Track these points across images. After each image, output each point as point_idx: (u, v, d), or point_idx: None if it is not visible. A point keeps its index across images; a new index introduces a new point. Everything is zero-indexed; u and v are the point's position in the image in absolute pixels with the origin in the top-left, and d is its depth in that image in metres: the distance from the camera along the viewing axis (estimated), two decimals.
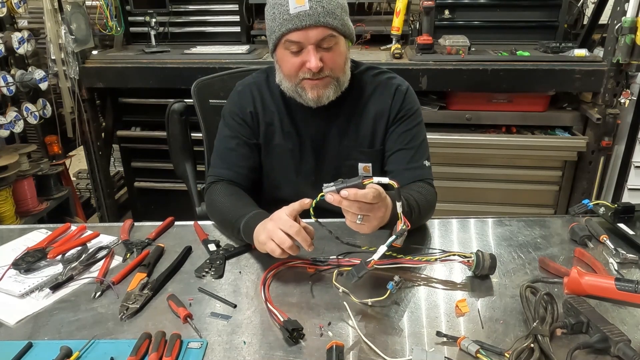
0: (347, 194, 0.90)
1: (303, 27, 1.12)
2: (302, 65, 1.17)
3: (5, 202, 2.38)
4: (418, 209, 1.14)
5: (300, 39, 1.14)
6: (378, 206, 0.94)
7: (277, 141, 1.34)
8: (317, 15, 1.12)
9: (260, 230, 1.04)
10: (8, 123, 2.28)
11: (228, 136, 1.34)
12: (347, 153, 1.34)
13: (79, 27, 2.43)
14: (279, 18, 1.14)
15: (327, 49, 1.17)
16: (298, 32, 1.13)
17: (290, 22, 1.12)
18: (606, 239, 1.14)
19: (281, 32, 1.14)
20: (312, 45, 1.14)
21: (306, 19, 1.12)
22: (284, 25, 1.13)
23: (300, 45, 1.15)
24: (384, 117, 1.31)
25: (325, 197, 0.92)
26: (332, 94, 1.23)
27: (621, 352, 0.79)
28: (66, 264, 1.07)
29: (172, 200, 2.88)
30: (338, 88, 1.23)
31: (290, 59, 1.18)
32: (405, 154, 1.29)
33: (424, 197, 1.19)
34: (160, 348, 0.82)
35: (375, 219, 0.95)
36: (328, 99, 1.23)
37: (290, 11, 1.12)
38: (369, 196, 0.90)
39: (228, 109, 1.36)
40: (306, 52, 1.15)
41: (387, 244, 0.92)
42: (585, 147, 2.35)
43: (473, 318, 0.92)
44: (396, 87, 1.32)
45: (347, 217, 0.96)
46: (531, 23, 2.73)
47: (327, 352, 0.81)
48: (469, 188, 2.53)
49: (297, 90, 1.22)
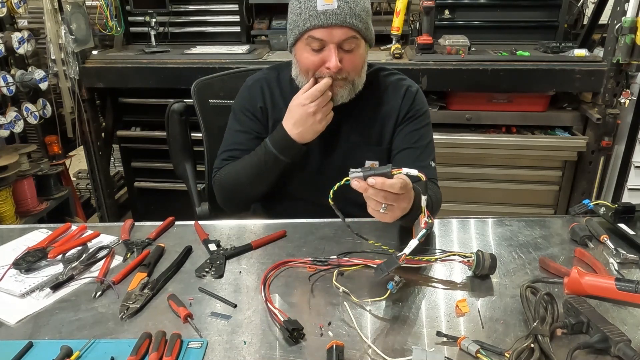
0: (374, 182, 0.89)
1: (329, 25, 1.12)
2: (321, 64, 1.17)
3: (5, 202, 2.38)
4: (432, 205, 1.16)
5: (323, 36, 1.14)
6: (403, 197, 0.94)
7: None
8: (343, 15, 1.12)
9: (291, 125, 1.19)
10: (8, 123, 2.28)
11: (238, 130, 1.35)
12: (355, 150, 1.34)
13: (79, 27, 2.43)
14: (304, 13, 1.14)
15: (347, 51, 1.17)
16: (323, 29, 1.13)
17: (317, 18, 1.12)
18: (606, 239, 1.14)
19: (305, 27, 1.14)
20: (334, 45, 1.15)
21: (333, 18, 1.12)
22: (309, 21, 1.13)
23: (323, 43, 1.15)
24: (393, 116, 1.32)
25: (350, 182, 0.90)
26: (346, 95, 1.23)
27: (621, 352, 0.79)
28: (67, 263, 1.07)
29: (172, 200, 2.88)
30: (352, 90, 1.24)
31: (310, 55, 1.18)
32: (412, 153, 1.31)
33: (434, 194, 1.22)
34: (161, 348, 0.82)
35: (399, 209, 0.96)
36: (342, 99, 1.24)
37: (317, 8, 1.12)
38: (397, 187, 0.90)
39: (239, 103, 1.37)
40: (327, 51, 1.15)
41: (418, 238, 0.89)
42: (585, 147, 2.35)
43: (473, 318, 0.92)
44: (406, 88, 1.33)
45: (370, 204, 0.95)
46: (531, 23, 2.73)
47: (327, 352, 0.81)
48: (469, 188, 2.54)
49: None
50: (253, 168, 1.26)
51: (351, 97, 1.25)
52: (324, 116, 1.20)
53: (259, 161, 1.25)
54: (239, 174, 1.29)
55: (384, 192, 0.90)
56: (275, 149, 1.22)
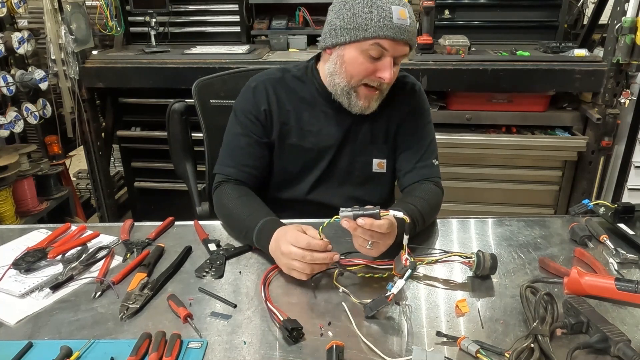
0: (363, 222, 0.94)
1: (399, 39, 1.14)
2: (373, 72, 1.18)
3: (5, 202, 2.38)
4: (422, 220, 1.17)
5: (390, 48, 1.15)
6: (388, 235, 0.99)
7: (292, 140, 1.32)
8: (410, 34, 1.15)
9: (277, 256, 1.04)
10: (8, 123, 2.28)
11: (239, 134, 1.31)
12: (363, 149, 1.34)
13: (79, 27, 2.43)
14: (376, 19, 1.13)
15: (396, 65, 1.19)
16: (392, 41, 1.14)
17: (391, 29, 1.12)
18: (606, 239, 1.14)
19: (376, 34, 1.13)
20: (391, 58, 1.16)
21: (404, 34, 1.14)
22: (382, 30, 1.12)
23: (383, 53, 1.15)
24: (398, 113, 1.33)
25: (340, 221, 0.95)
26: (376, 106, 1.26)
27: (621, 352, 0.79)
28: (66, 264, 1.07)
29: (172, 200, 2.87)
30: (381, 98, 1.26)
31: (365, 61, 1.17)
32: (415, 152, 1.32)
33: (426, 202, 1.21)
34: (161, 348, 0.82)
35: (383, 245, 1.00)
36: (372, 110, 1.26)
37: (393, 20, 1.12)
38: (384, 227, 0.96)
39: (241, 105, 1.33)
40: (385, 62, 1.16)
41: (405, 278, 0.93)
42: (585, 147, 2.35)
43: (473, 318, 0.92)
44: (411, 85, 1.35)
45: (357, 241, 1.00)
46: (531, 23, 2.73)
47: (327, 352, 0.81)
48: (469, 188, 2.54)
49: (350, 93, 1.22)
50: (234, 229, 1.21)
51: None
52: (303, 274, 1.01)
53: (239, 227, 1.18)
54: (227, 218, 1.24)
55: (372, 231, 0.95)
56: (256, 241, 1.12)
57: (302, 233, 1.01)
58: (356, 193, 1.37)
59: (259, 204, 1.22)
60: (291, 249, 0.98)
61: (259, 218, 1.12)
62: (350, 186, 1.37)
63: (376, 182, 1.38)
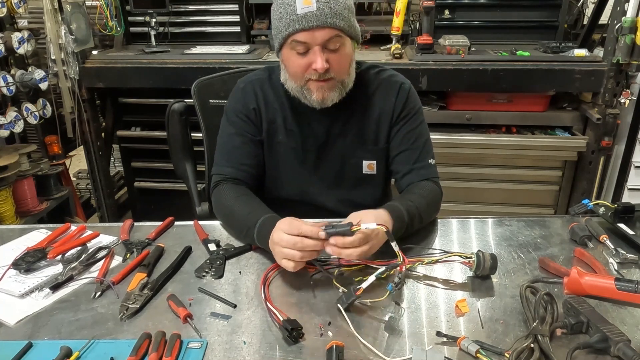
0: (335, 242, 0.96)
1: (310, 27, 1.12)
2: (308, 66, 1.17)
3: (5, 202, 2.38)
4: (419, 215, 1.17)
5: (306, 39, 1.14)
6: (368, 244, 0.99)
7: (280, 139, 1.33)
8: (324, 16, 1.12)
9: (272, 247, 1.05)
10: (8, 123, 2.28)
11: (233, 134, 1.32)
12: (352, 151, 1.34)
13: (79, 27, 2.43)
14: (285, 18, 1.14)
15: (333, 50, 1.16)
16: (305, 32, 1.13)
17: (297, 22, 1.12)
18: (606, 239, 1.14)
19: (287, 32, 1.14)
20: (319, 46, 1.14)
21: (313, 20, 1.11)
22: (291, 26, 1.13)
23: (307, 45, 1.15)
24: (388, 114, 1.31)
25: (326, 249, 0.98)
26: (336, 96, 1.23)
27: (621, 352, 0.79)
28: (66, 264, 1.07)
29: (172, 200, 2.88)
30: (343, 90, 1.24)
31: (297, 59, 1.17)
32: (411, 154, 1.31)
33: (424, 199, 1.21)
34: (160, 348, 0.82)
35: (370, 251, 1.01)
36: (332, 101, 1.23)
37: (297, 11, 1.11)
38: (356, 243, 0.97)
39: (231, 106, 1.35)
40: (312, 53, 1.15)
41: (376, 275, 0.95)
42: (585, 147, 2.35)
43: (473, 318, 0.92)
44: (400, 85, 1.33)
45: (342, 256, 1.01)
46: (531, 23, 2.73)
47: (327, 352, 0.81)
48: (469, 188, 2.54)
49: (303, 92, 1.22)
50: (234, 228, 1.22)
51: (342, 97, 1.24)
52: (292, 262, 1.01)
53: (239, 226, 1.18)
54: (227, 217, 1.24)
55: (347, 248, 0.97)
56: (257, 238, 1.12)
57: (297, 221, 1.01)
58: (349, 195, 1.37)
59: (258, 202, 1.22)
60: (282, 236, 0.99)
61: (259, 216, 1.12)
62: (343, 188, 1.37)
63: (368, 183, 1.38)
